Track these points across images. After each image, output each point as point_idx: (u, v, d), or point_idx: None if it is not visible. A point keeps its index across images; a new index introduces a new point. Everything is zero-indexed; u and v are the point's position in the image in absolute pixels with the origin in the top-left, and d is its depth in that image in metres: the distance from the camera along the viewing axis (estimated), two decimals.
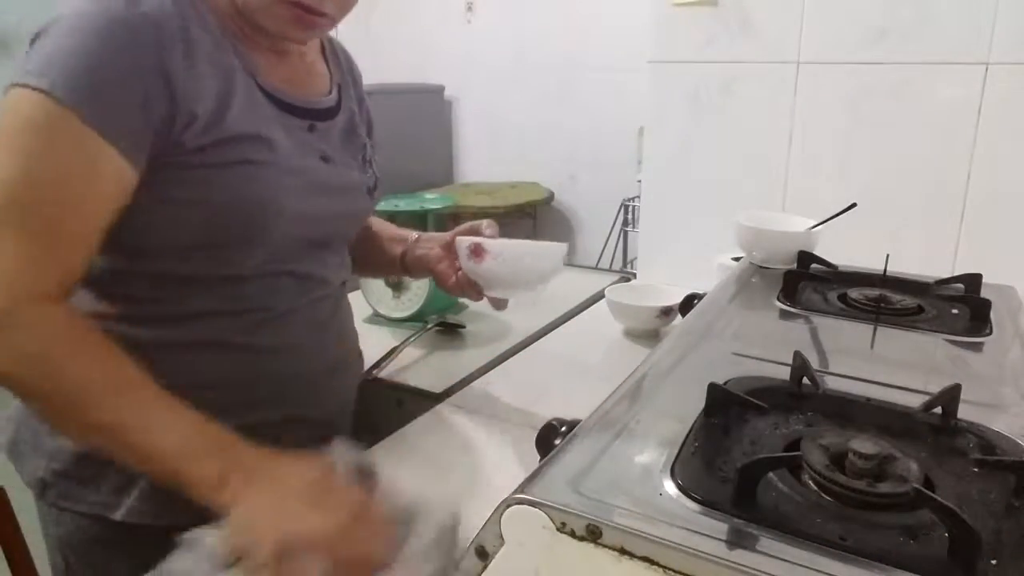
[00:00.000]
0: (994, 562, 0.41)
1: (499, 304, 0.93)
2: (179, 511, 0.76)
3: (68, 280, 0.65)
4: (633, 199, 2.72)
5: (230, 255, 0.74)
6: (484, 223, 0.91)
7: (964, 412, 0.58)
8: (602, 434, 0.55)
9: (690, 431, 0.55)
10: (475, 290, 0.90)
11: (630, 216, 2.79)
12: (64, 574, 0.84)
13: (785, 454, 0.52)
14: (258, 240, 0.74)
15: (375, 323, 1.28)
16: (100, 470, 0.77)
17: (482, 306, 1.36)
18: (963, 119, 1.15)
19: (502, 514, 0.45)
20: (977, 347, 0.76)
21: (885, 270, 0.92)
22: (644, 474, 0.50)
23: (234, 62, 0.72)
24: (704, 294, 0.99)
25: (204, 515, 0.76)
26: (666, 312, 1.18)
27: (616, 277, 1.58)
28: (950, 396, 0.58)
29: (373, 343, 1.16)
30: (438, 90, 3.32)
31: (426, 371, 1.10)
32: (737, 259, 1.13)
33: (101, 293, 0.74)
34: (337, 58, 0.90)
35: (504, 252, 0.86)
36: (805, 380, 0.62)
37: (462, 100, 3.39)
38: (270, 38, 0.76)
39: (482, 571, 0.46)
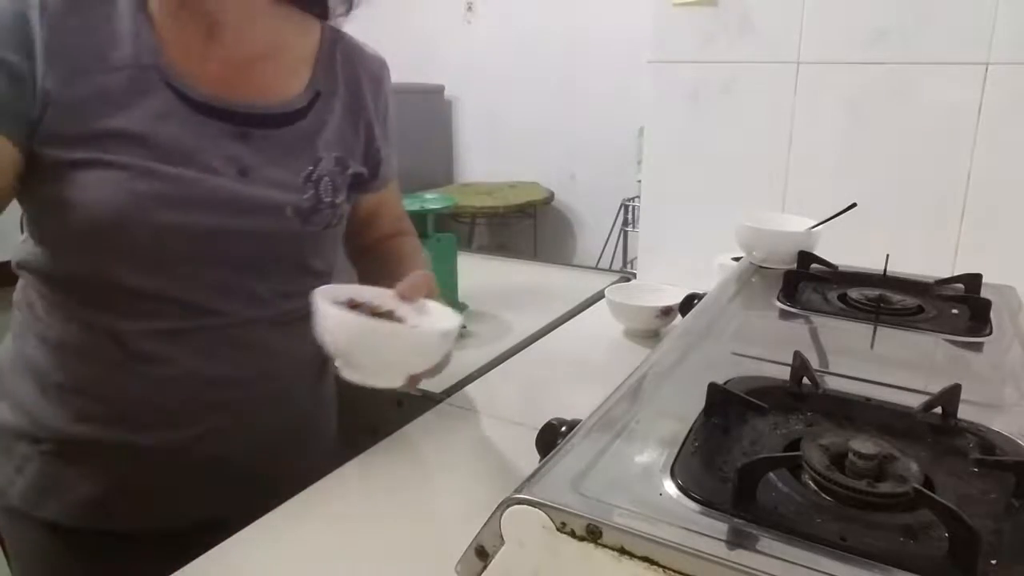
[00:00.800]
0: (994, 562, 0.41)
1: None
2: (52, 509, 0.76)
3: None
4: (633, 199, 2.72)
5: (100, 263, 0.69)
6: (411, 278, 0.72)
7: (964, 412, 0.58)
8: (602, 434, 0.55)
9: (690, 431, 0.55)
10: None
11: (630, 216, 2.80)
12: None
13: (785, 454, 0.51)
14: (121, 251, 0.68)
15: None
16: None
17: (482, 306, 1.37)
18: (963, 119, 1.15)
19: (502, 514, 0.45)
20: (977, 347, 0.76)
21: (885, 270, 0.92)
22: (644, 474, 0.50)
23: (138, 53, 0.68)
24: (704, 294, 0.99)
25: (89, 512, 0.76)
26: (666, 312, 1.18)
27: (616, 277, 1.58)
28: (950, 396, 0.58)
29: None
30: (438, 90, 3.32)
31: None
32: (737, 259, 1.13)
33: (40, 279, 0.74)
34: (334, 66, 0.82)
35: (329, 320, 0.63)
36: (805, 380, 0.62)
37: (462, 100, 3.39)
38: (204, 17, 0.71)
39: (482, 571, 0.46)
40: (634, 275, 1.54)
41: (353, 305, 0.68)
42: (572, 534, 0.44)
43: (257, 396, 0.80)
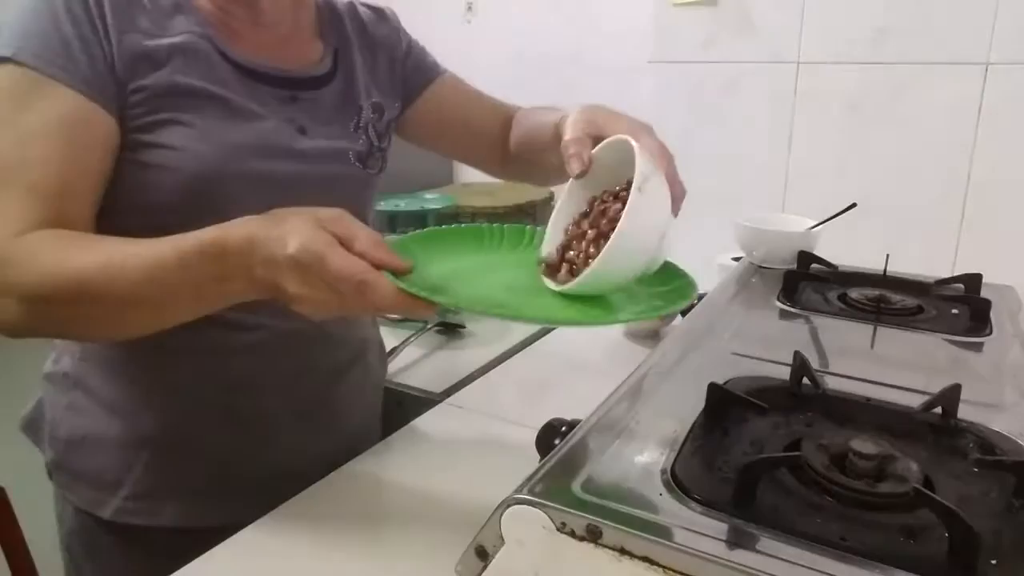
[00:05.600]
0: (994, 562, 0.41)
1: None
2: (168, 513, 0.77)
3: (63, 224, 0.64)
4: None
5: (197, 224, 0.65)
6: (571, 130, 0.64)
7: (964, 412, 0.58)
8: (602, 434, 0.55)
9: (690, 431, 0.55)
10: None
11: None
12: (68, 565, 0.85)
13: (785, 454, 0.51)
14: (218, 207, 0.66)
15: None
16: (88, 463, 0.78)
17: None
18: (963, 119, 1.15)
19: (502, 514, 0.45)
20: (977, 347, 0.76)
21: (885, 270, 0.92)
22: (644, 474, 0.50)
23: (190, 25, 0.72)
24: (704, 294, 0.99)
25: (196, 515, 0.77)
26: None
27: None
28: (950, 396, 0.57)
29: None
30: None
31: (426, 371, 1.10)
32: (737, 259, 1.13)
33: None
34: (333, 24, 0.87)
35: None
36: (805, 380, 0.62)
37: None
38: (244, 6, 0.76)
39: (482, 571, 0.46)
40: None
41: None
42: (572, 534, 0.44)
43: (325, 349, 0.84)
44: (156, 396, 0.77)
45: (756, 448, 0.53)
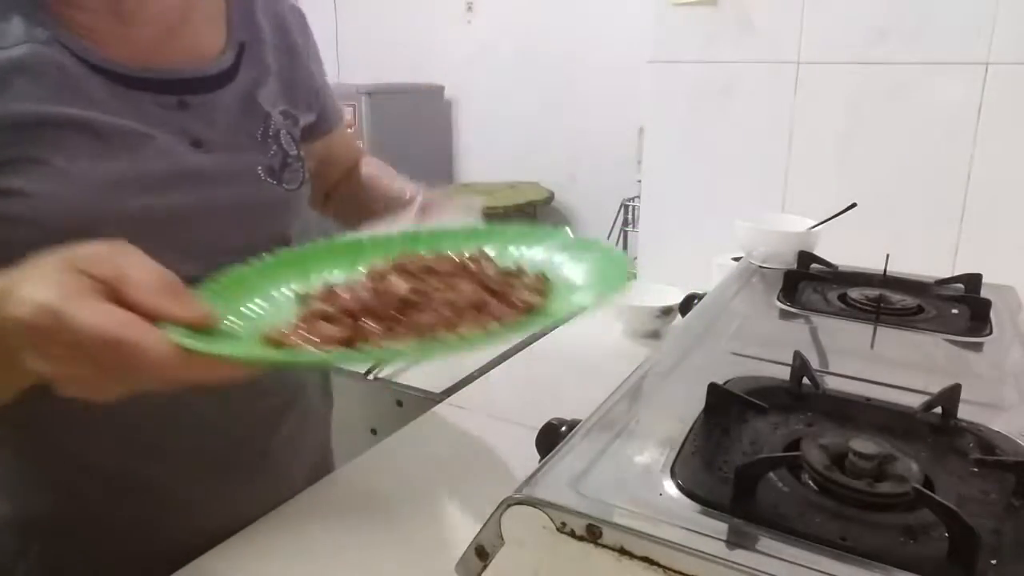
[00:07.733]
0: (994, 562, 0.41)
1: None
2: None
3: None
4: (633, 199, 2.72)
5: None
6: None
7: (964, 412, 0.58)
8: (602, 434, 0.55)
9: (690, 431, 0.55)
10: None
11: (630, 216, 2.79)
12: None
13: (785, 454, 0.51)
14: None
15: None
16: None
17: None
18: (963, 119, 1.15)
19: (502, 514, 0.45)
20: (977, 347, 0.76)
21: (885, 270, 0.92)
22: (644, 474, 0.50)
23: (35, 34, 0.57)
24: (704, 294, 0.99)
25: None
26: (666, 312, 1.18)
27: None
28: (950, 396, 0.57)
29: None
30: (438, 90, 3.31)
31: (426, 371, 1.10)
32: (737, 259, 1.13)
33: None
34: (252, 11, 0.72)
35: None
36: (805, 380, 0.62)
37: (462, 100, 3.39)
38: None
39: (482, 571, 0.46)
40: (634, 275, 1.54)
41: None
42: (572, 534, 0.44)
43: (248, 397, 0.72)
44: (44, 469, 0.65)
45: (756, 448, 0.53)
